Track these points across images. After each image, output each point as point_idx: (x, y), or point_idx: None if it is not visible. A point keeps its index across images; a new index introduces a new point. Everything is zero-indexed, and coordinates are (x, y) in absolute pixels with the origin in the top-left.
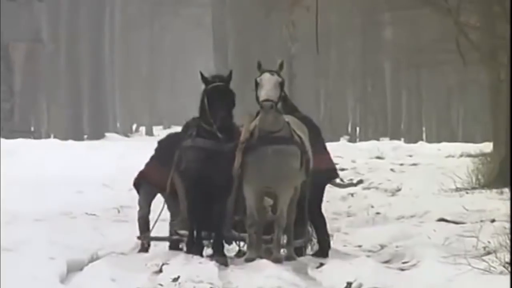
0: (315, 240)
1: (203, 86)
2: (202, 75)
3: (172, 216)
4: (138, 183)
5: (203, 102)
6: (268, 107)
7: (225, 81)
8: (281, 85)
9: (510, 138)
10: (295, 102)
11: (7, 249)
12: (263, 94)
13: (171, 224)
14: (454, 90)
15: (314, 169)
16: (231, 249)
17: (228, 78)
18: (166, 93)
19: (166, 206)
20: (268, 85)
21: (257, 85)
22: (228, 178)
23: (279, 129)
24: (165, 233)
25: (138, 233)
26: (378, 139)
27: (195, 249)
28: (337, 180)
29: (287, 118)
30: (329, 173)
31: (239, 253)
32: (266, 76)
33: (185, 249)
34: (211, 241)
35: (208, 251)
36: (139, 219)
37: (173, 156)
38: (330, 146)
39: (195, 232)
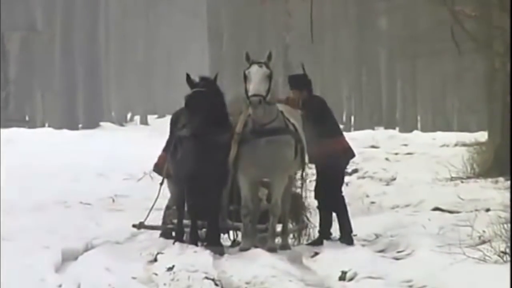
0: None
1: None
2: (188, 77)
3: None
4: None
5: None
6: (256, 102)
7: (208, 86)
8: (269, 77)
9: (511, 129)
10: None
11: (3, 238)
12: (251, 89)
13: (165, 213)
14: (449, 79)
15: (333, 153)
16: (226, 239)
17: (213, 82)
18: (161, 82)
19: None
20: (255, 78)
21: (245, 77)
22: (223, 168)
23: (272, 120)
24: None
25: (134, 221)
26: (373, 128)
27: (191, 238)
28: None
29: (281, 107)
30: (348, 154)
31: (234, 243)
32: (254, 68)
33: (185, 238)
34: (205, 230)
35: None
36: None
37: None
38: None
39: (190, 222)
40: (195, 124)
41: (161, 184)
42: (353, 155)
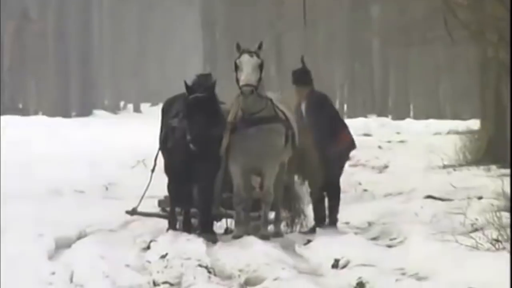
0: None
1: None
2: (186, 84)
3: None
4: None
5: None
6: (248, 92)
7: (208, 90)
8: (261, 66)
9: (511, 118)
10: (283, 79)
11: None
12: (242, 78)
13: (159, 201)
14: (442, 67)
15: (341, 146)
16: (219, 226)
17: (212, 86)
18: (153, 70)
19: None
20: (247, 68)
21: (236, 67)
22: (215, 157)
23: (261, 109)
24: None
25: (128, 209)
26: (365, 116)
27: (184, 226)
28: None
29: (271, 94)
30: (352, 146)
31: (227, 230)
32: (245, 58)
33: (178, 226)
34: (198, 218)
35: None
36: None
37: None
38: None
39: (183, 210)
40: (197, 133)
41: (153, 171)
42: (355, 147)
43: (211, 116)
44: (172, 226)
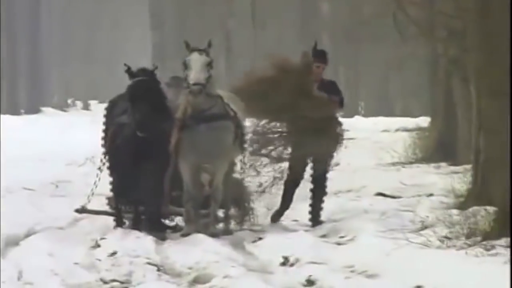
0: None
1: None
2: (128, 68)
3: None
4: None
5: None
6: (196, 91)
7: (148, 75)
8: (210, 64)
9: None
10: (233, 77)
11: None
12: (191, 77)
13: (108, 199)
14: (392, 64)
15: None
16: (168, 224)
17: (151, 71)
18: (102, 67)
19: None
20: (196, 66)
21: (185, 65)
22: (163, 154)
23: (211, 106)
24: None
25: (77, 207)
26: None
27: (133, 224)
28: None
29: (221, 92)
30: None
31: (175, 228)
32: (194, 56)
33: (127, 224)
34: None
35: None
36: None
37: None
38: None
39: (132, 207)
40: (141, 114)
41: (100, 169)
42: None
43: (156, 101)
44: (118, 224)
